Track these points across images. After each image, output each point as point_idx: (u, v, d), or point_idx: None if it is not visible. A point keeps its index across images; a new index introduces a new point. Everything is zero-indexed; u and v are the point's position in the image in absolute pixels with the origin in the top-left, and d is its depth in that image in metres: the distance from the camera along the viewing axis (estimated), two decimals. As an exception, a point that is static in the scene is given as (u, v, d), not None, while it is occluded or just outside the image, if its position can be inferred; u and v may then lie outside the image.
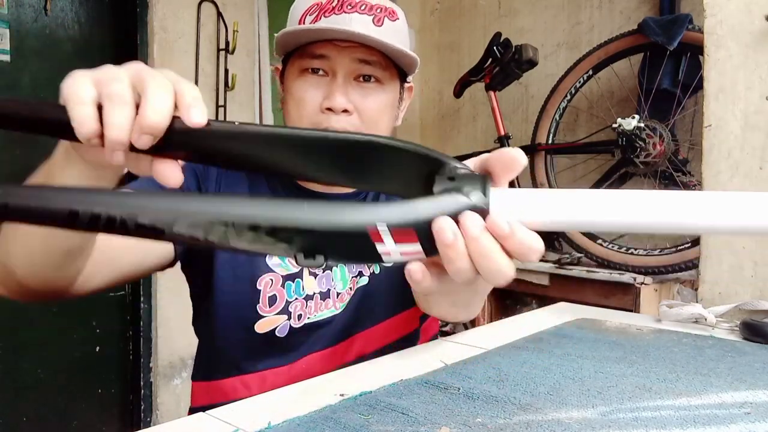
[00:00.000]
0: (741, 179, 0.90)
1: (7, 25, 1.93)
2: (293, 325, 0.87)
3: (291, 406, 0.51)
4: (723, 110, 0.92)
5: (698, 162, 1.00)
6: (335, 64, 0.84)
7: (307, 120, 0.85)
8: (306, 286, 0.88)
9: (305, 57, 0.85)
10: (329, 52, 0.83)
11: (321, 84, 0.85)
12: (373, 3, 0.84)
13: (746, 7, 0.90)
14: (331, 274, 0.90)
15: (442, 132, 3.01)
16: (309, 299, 0.88)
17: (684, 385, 0.56)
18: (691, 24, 1.90)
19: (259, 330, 0.87)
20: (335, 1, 0.83)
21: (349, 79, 0.85)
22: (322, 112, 0.84)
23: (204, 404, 0.90)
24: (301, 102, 0.85)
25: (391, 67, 0.87)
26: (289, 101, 0.88)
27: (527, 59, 2.19)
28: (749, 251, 0.89)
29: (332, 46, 0.83)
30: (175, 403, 2.32)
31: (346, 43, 0.83)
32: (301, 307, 0.88)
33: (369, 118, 0.85)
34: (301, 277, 0.88)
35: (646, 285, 1.87)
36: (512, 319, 0.86)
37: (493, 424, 0.46)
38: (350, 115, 0.84)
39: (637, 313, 1.69)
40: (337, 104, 0.82)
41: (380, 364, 0.64)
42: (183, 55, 2.29)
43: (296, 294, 0.88)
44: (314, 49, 0.84)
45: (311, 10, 0.84)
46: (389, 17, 0.86)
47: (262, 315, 0.86)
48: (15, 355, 2.02)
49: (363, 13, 0.83)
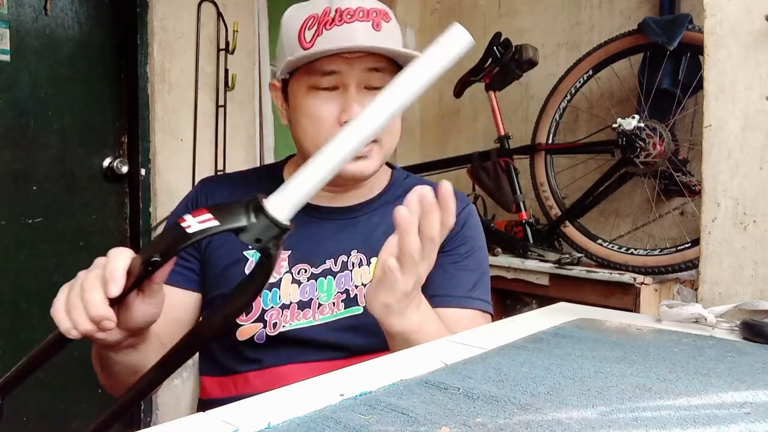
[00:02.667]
0: (741, 179, 0.90)
1: (7, 25, 1.93)
2: (268, 333, 0.89)
3: (291, 406, 0.51)
4: (723, 110, 0.92)
5: (698, 162, 1.00)
6: (346, 78, 0.84)
7: (326, 135, 0.85)
8: (283, 295, 0.90)
9: (314, 74, 0.84)
10: (339, 67, 0.83)
11: (333, 98, 0.85)
12: (368, 8, 0.84)
13: (746, 7, 0.90)
14: (316, 284, 0.90)
15: (442, 132, 3.01)
16: (285, 308, 0.89)
17: (684, 385, 0.56)
18: (691, 24, 1.90)
19: (240, 337, 0.90)
20: (333, 12, 0.83)
21: (360, 88, 0.85)
22: (340, 125, 0.84)
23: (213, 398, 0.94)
24: (317, 119, 0.85)
25: (395, 70, 0.88)
26: (301, 119, 0.88)
27: (527, 59, 2.18)
28: (749, 251, 0.89)
29: (341, 59, 0.83)
30: (175, 403, 2.32)
31: (354, 54, 0.83)
32: (276, 315, 0.89)
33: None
34: (279, 286, 0.90)
35: (646, 285, 1.87)
36: (512, 319, 0.86)
37: (493, 424, 0.46)
38: None
39: (637, 313, 1.69)
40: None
41: (380, 364, 0.64)
42: (183, 55, 2.29)
43: (272, 303, 0.90)
44: (323, 65, 0.83)
45: (309, 24, 0.84)
46: (384, 19, 0.86)
47: (239, 324, 0.89)
48: (15, 355, 2.02)
49: (363, 20, 0.83)
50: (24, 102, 1.99)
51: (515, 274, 2.15)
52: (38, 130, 2.03)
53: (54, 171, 2.08)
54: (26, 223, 2.02)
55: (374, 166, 0.88)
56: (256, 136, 2.54)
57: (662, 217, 2.22)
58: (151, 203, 2.25)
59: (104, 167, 2.21)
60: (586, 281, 1.97)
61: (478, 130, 2.86)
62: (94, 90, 2.18)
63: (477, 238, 0.99)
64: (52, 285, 2.11)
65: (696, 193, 1.95)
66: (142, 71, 2.21)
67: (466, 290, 0.93)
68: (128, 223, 2.27)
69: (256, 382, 0.89)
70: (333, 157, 0.57)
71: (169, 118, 2.27)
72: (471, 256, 0.96)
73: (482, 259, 0.99)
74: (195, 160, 2.33)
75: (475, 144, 2.73)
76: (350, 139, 0.57)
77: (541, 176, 2.27)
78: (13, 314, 2.00)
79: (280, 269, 0.91)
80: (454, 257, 0.95)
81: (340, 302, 0.91)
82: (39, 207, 2.04)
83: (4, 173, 1.95)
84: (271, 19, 2.58)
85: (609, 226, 2.35)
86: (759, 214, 0.89)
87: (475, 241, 0.98)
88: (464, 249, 0.96)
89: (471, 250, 0.97)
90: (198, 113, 2.33)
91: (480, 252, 0.99)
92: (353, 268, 0.92)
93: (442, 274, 0.92)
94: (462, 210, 0.97)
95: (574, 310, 0.91)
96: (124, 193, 2.27)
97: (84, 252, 2.14)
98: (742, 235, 0.90)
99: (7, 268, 1.98)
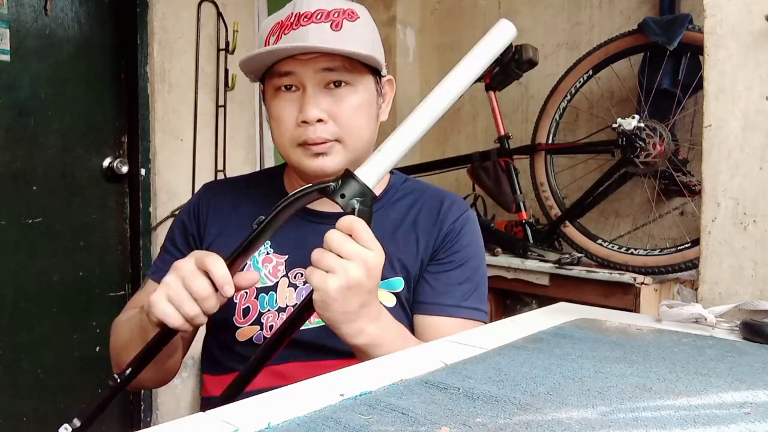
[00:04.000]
0: (741, 179, 0.90)
1: (7, 25, 1.93)
2: (265, 335, 0.90)
3: (291, 406, 0.51)
4: (723, 110, 0.92)
5: (698, 162, 1.00)
6: (302, 78, 0.86)
7: (288, 135, 0.89)
8: (279, 298, 0.91)
9: (274, 76, 0.88)
10: (293, 68, 0.86)
11: (294, 99, 0.88)
12: (329, 9, 0.86)
13: (746, 7, 0.90)
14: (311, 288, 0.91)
15: (442, 132, 3.01)
16: (281, 311, 0.91)
17: (684, 385, 0.56)
18: (691, 24, 1.90)
19: (240, 338, 0.92)
20: (293, 17, 0.86)
21: (318, 88, 0.87)
22: (298, 125, 0.87)
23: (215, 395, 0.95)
24: (279, 120, 0.89)
25: (359, 67, 0.88)
26: (271, 120, 0.92)
27: (527, 59, 2.18)
28: (749, 251, 0.89)
29: (295, 61, 0.85)
30: (175, 403, 2.32)
31: (308, 55, 0.85)
32: (273, 318, 0.91)
33: (345, 121, 0.88)
34: (276, 290, 0.91)
35: (646, 285, 1.87)
36: (512, 319, 0.86)
37: (493, 424, 0.46)
38: (325, 123, 0.87)
39: (637, 313, 1.69)
40: (310, 116, 0.85)
41: (380, 364, 0.64)
42: (183, 55, 2.29)
43: (269, 306, 0.91)
44: (279, 67, 0.87)
45: (274, 30, 0.87)
46: (348, 18, 0.87)
47: (238, 326, 0.91)
48: (15, 355, 2.02)
49: (320, 22, 0.85)
50: (24, 102, 1.99)
51: (515, 274, 2.15)
52: (38, 130, 2.03)
53: (54, 171, 2.08)
54: (26, 223, 2.02)
55: (335, 164, 0.88)
56: (256, 136, 2.54)
57: (662, 217, 2.22)
58: (151, 203, 2.25)
59: (104, 167, 2.21)
60: (586, 281, 1.97)
61: (478, 130, 2.86)
62: (94, 90, 2.18)
63: (473, 246, 0.97)
64: (52, 285, 2.12)
65: (696, 193, 1.95)
66: (142, 71, 2.21)
67: (458, 299, 0.92)
68: (128, 223, 2.27)
69: (257, 380, 0.89)
70: (402, 140, 0.74)
71: (169, 118, 2.27)
72: (465, 264, 0.95)
73: (478, 266, 0.97)
74: (195, 160, 2.33)
75: (475, 144, 2.73)
76: (419, 122, 0.74)
77: (541, 176, 2.26)
78: (13, 314, 2.00)
79: (277, 273, 0.91)
80: (447, 266, 0.94)
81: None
82: (39, 207, 2.04)
83: (4, 173, 1.95)
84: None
85: (609, 226, 2.34)
86: (759, 214, 0.89)
87: (471, 248, 0.96)
88: (459, 257, 0.94)
89: (466, 257, 0.95)
90: (198, 113, 2.33)
91: (476, 259, 0.97)
92: None
93: (433, 282, 0.92)
94: (459, 217, 0.97)
95: (574, 310, 0.91)
96: (124, 193, 2.27)
97: (84, 252, 2.14)
98: (742, 235, 0.90)
99: (7, 268, 1.98)
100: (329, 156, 0.88)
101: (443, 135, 3.03)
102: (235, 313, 0.91)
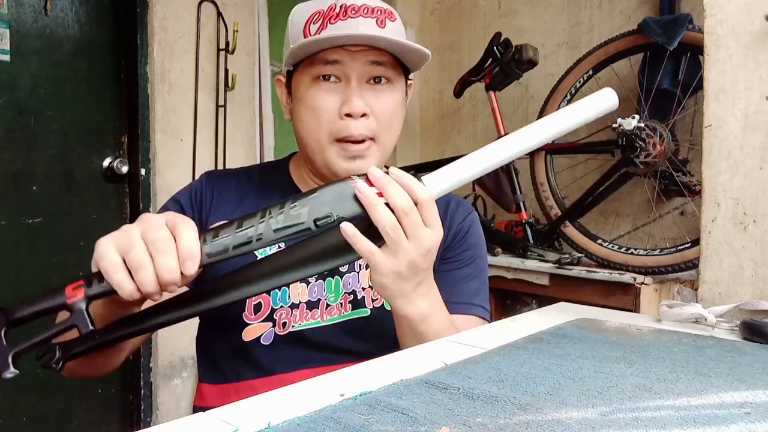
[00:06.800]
0: (741, 179, 0.90)
1: (7, 25, 1.93)
2: (278, 332, 0.88)
3: (291, 406, 0.51)
4: (723, 110, 0.92)
5: (698, 162, 1.00)
6: (348, 69, 0.84)
7: (326, 127, 0.85)
8: (292, 294, 0.89)
9: (316, 64, 0.85)
10: (342, 57, 0.83)
11: (335, 90, 0.85)
12: (373, 6, 0.85)
13: (746, 7, 0.90)
14: (324, 284, 0.90)
15: (442, 132, 3.01)
16: (294, 307, 0.89)
17: (684, 385, 0.56)
18: (691, 24, 1.90)
19: (246, 338, 0.88)
20: (338, 8, 0.84)
21: (362, 82, 0.85)
22: (341, 118, 0.84)
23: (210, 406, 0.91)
24: (317, 111, 0.85)
25: (398, 66, 0.88)
26: (303, 111, 0.87)
27: (527, 59, 2.18)
28: (749, 251, 0.89)
29: (344, 51, 0.83)
30: (175, 403, 2.32)
31: (357, 47, 0.83)
32: (286, 314, 0.88)
33: (384, 119, 0.87)
34: (288, 286, 0.89)
35: (646, 285, 1.87)
36: (512, 319, 0.86)
37: (493, 424, 0.46)
38: (368, 118, 0.85)
39: (637, 313, 1.69)
40: (357, 109, 0.83)
41: (380, 364, 0.64)
42: (183, 55, 2.29)
43: (282, 302, 0.89)
44: (326, 55, 0.84)
45: (314, 18, 0.84)
46: (389, 18, 0.86)
47: (247, 323, 0.88)
48: (15, 355, 2.01)
49: (367, 17, 0.84)
50: (24, 102, 1.99)
51: (515, 274, 2.15)
52: (38, 130, 2.03)
53: (54, 171, 2.08)
54: (26, 223, 2.02)
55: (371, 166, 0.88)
56: (256, 136, 2.54)
57: (662, 217, 2.22)
58: (151, 203, 2.25)
59: (104, 167, 2.21)
60: (586, 281, 1.97)
61: (478, 130, 2.86)
62: (94, 90, 2.18)
63: (479, 245, 1.00)
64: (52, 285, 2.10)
65: (696, 193, 1.95)
66: (142, 71, 2.21)
67: (469, 296, 0.94)
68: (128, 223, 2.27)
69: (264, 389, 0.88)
70: (481, 162, 0.69)
71: (169, 118, 2.27)
72: (473, 262, 0.98)
73: (483, 266, 1.00)
74: (195, 161, 2.33)
75: (475, 144, 2.73)
76: (503, 151, 0.69)
77: (541, 176, 2.27)
78: (13, 314, 2.00)
79: None
80: (456, 263, 0.96)
81: (347, 303, 0.90)
82: (39, 207, 2.04)
83: (4, 173, 1.94)
84: (271, 19, 2.59)
85: (609, 226, 2.35)
86: (759, 214, 0.89)
87: (477, 248, 1.00)
88: (467, 255, 0.97)
89: (474, 256, 0.98)
90: (198, 113, 2.33)
91: (481, 259, 1.00)
92: (360, 270, 0.92)
93: (445, 280, 0.92)
94: (466, 217, 1.00)
95: (574, 310, 0.91)
96: (124, 193, 2.27)
97: (84, 252, 2.14)
98: (742, 235, 0.90)
99: (7, 268, 1.98)
100: (365, 159, 0.86)
101: (443, 135, 3.03)
102: (245, 309, 0.87)
